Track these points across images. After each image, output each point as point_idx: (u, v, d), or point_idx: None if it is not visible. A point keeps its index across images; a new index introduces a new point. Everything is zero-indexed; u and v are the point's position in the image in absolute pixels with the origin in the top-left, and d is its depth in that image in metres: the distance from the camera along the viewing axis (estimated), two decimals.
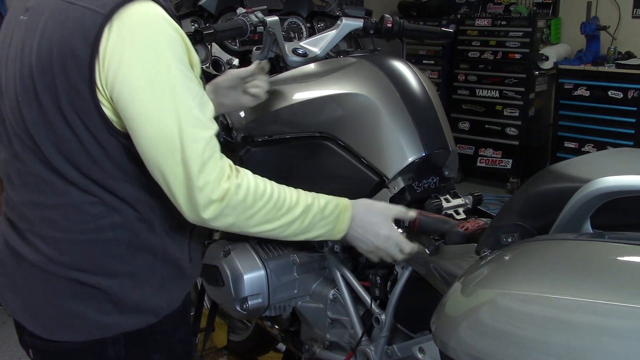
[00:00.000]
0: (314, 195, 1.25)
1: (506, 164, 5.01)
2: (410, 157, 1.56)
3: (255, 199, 1.13)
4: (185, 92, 1.03)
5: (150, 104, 1.01)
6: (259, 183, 1.15)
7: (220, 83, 1.59)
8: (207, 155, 1.05)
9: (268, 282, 1.82)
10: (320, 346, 1.89)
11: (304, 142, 1.72)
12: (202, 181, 1.05)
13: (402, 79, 1.66)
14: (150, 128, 1.02)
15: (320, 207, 1.23)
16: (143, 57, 1.01)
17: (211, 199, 1.06)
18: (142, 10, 1.02)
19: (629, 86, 4.45)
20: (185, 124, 1.02)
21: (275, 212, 1.16)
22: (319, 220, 1.23)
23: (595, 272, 0.95)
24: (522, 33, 4.85)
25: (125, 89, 1.01)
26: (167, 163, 1.04)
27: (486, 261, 1.14)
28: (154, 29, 1.02)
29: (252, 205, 1.12)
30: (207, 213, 1.07)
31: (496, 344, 0.98)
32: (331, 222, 1.26)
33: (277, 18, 1.74)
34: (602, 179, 1.02)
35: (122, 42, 1.00)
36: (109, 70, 1.01)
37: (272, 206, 1.15)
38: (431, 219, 1.42)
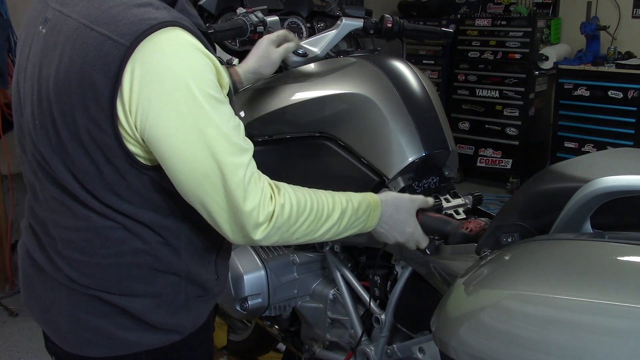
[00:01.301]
0: (347, 196, 1.25)
1: (506, 164, 5.01)
2: (410, 157, 1.56)
3: (298, 215, 1.13)
4: (220, 120, 1.00)
5: (185, 144, 0.98)
6: (300, 197, 1.14)
7: (263, 56, 1.62)
8: (248, 179, 1.04)
9: (268, 282, 1.82)
10: (320, 346, 1.89)
11: (304, 142, 1.72)
12: (248, 207, 1.04)
13: (402, 79, 1.66)
14: (189, 167, 1.00)
15: (354, 208, 1.24)
16: (172, 95, 0.96)
17: (258, 222, 1.06)
18: (166, 41, 0.96)
19: (629, 86, 4.45)
20: (224, 155, 1.00)
21: (317, 222, 1.17)
22: (353, 221, 1.24)
23: (595, 272, 0.95)
24: (522, 33, 4.86)
25: (157, 131, 0.97)
26: (210, 196, 1.02)
27: (486, 261, 1.14)
28: (180, 61, 0.97)
29: (296, 222, 1.12)
30: (256, 235, 1.07)
31: (496, 344, 0.98)
32: (363, 222, 1.27)
33: (277, 18, 1.75)
34: (602, 179, 1.02)
35: (149, 80, 0.95)
36: (138, 111, 0.96)
37: (313, 218, 1.15)
38: (433, 219, 1.42)
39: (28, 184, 1.16)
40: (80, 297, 1.09)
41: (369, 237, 1.62)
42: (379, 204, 1.31)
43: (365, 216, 1.27)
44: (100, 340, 1.11)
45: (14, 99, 1.13)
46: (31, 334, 2.91)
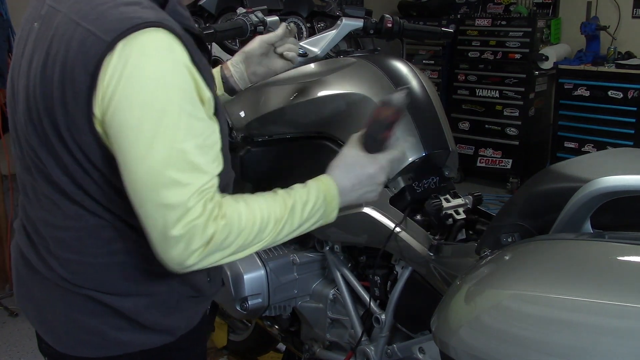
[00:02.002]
0: (294, 192, 1.14)
1: (506, 164, 5.01)
2: (410, 157, 1.56)
3: (240, 231, 1.03)
4: (184, 133, 0.95)
5: (138, 143, 0.94)
6: (242, 213, 1.04)
7: (251, 51, 1.51)
8: (193, 202, 0.96)
9: (268, 282, 1.82)
10: (320, 346, 1.89)
11: (304, 142, 1.72)
12: (180, 230, 0.96)
13: (402, 79, 1.66)
14: (135, 167, 0.95)
15: (303, 201, 1.14)
16: (139, 93, 0.93)
17: (191, 248, 0.97)
18: (147, 42, 0.94)
19: (628, 86, 4.45)
20: (171, 168, 0.94)
21: (260, 233, 1.07)
22: (308, 213, 1.14)
23: (595, 272, 0.95)
24: (522, 33, 4.85)
25: (115, 123, 0.94)
26: (146, 206, 0.96)
27: (486, 261, 1.14)
28: (157, 62, 0.94)
29: (236, 239, 1.03)
30: (189, 261, 0.98)
31: (496, 344, 0.98)
32: (320, 208, 1.16)
33: (277, 18, 1.74)
34: (602, 179, 1.02)
35: (122, 79, 0.93)
36: (108, 109, 0.94)
37: (257, 229, 1.06)
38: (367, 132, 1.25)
39: (20, 183, 1.15)
40: (73, 297, 1.08)
41: (369, 237, 1.63)
42: (330, 182, 1.19)
43: (320, 201, 1.15)
44: (94, 340, 1.10)
45: (8, 96, 1.12)
46: (31, 334, 2.90)
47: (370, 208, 1.60)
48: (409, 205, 1.59)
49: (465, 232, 1.57)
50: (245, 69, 1.51)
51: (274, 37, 1.50)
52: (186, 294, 1.16)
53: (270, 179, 1.79)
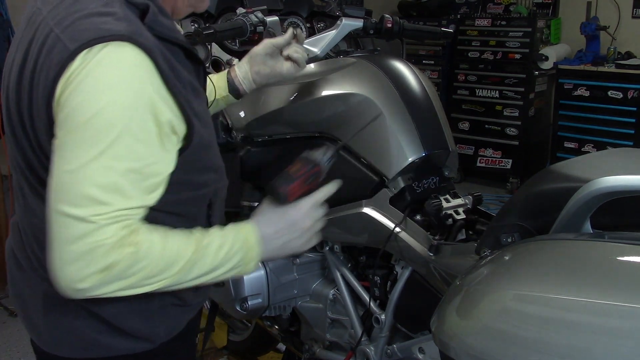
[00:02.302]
0: (211, 233, 1.08)
1: (506, 164, 5.01)
2: (410, 157, 1.56)
3: (146, 263, 0.97)
4: (121, 153, 0.92)
5: (74, 150, 0.91)
6: (154, 245, 0.99)
7: (257, 51, 1.49)
8: (105, 222, 0.92)
9: (268, 282, 1.82)
10: (320, 346, 1.89)
11: (304, 142, 1.72)
12: (82, 247, 0.92)
13: (402, 79, 1.66)
14: (61, 171, 0.92)
15: (218, 244, 1.07)
16: (88, 103, 0.90)
17: (88, 270, 0.93)
18: (109, 54, 0.91)
19: (628, 86, 4.45)
20: (95, 183, 0.91)
21: (166, 270, 1.00)
22: (222, 257, 1.07)
23: (595, 272, 0.95)
24: (522, 33, 4.85)
25: (61, 130, 0.93)
26: (57, 210, 0.92)
27: (486, 261, 1.14)
28: (112, 77, 0.92)
29: (140, 271, 0.97)
30: (82, 284, 0.93)
31: (496, 344, 0.98)
32: (237, 253, 1.09)
33: (277, 18, 1.74)
34: (602, 179, 1.02)
35: (74, 83, 0.91)
36: (57, 109, 0.93)
37: (164, 265, 1.00)
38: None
39: (16, 184, 1.15)
40: (55, 298, 1.05)
41: (369, 237, 1.63)
42: (252, 228, 1.13)
43: (238, 245, 1.09)
44: (74, 341, 1.10)
45: (3, 96, 1.11)
46: None
47: (370, 208, 1.60)
48: (409, 205, 1.59)
49: (465, 232, 1.57)
50: (249, 69, 1.49)
51: (282, 41, 1.49)
52: (169, 302, 1.13)
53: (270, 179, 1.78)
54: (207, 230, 1.08)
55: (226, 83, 1.50)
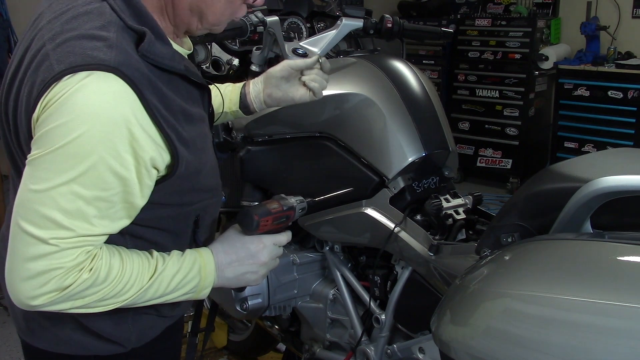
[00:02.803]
0: (169, 258, 1.08)
1: (506, 164, 5.01)
2: (410, 157, 1.56)
3: (102, 287, 0.98)
4: (91, 182, 0.92)
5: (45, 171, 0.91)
6: (113, 269, 0.99)
7: (273, 72, 1.44)
8: (67, 246, 0.93)
9: (268, 282, 1.82)
10: (320, 346, 1.89)
11: (304, 142, 1.72)
12: (41, 267, 0.92)
13: (402, 79, 1.66)
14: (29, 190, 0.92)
15: (175, 270, 1.07)
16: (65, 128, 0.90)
17: (44, 289, 0.93)
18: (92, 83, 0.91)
19: (628, 86, 4.45)
20: (61, 208, 0.91)
21: (121, 294, 1.01)
22: (178, 282, 1.07)
23: (595, 272, 0.95)
24: (522, 33, 4.86)
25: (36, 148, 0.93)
26: (21, 227, 0.92)
27: (486, 261, 1.14)
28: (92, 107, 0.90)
29: (95, 293, 0.98)
30: (36, 301, 0.94)
31: (496, 344, 0.98)
32: (193, 279, 1.10)
33: (277, 18, 1.74)
34: (602, 179, 1.02)
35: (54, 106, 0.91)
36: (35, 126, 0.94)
37: (120, 289, 1.01)
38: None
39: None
40: None
41: (369, 237, 1.63)
42: (210, 255, 1.13)
43: (194, 271, 1.10)
44: (47, 335, 1.12)
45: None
46: None
47: (370, 208, 1.60)
48: (409, 205, 1.59)
49: (465, 232, 1.57)
50: (262, 89, 1.45)
51: (302, 64, 1.43)
52: (142, 310, 1.13)
53: (270, 179, 1.79)
54: (166, 254, 1.08)
55: (238, 97, 1.46)
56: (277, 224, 1.21)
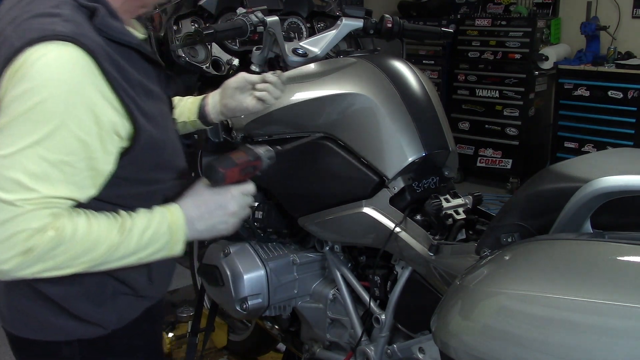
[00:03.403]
0: (136, 216, 1.10)
1: (506, 164, 5.01)
2: (410, 157, 1.56)
3: (69, 246, 1.01)
4: (54, 145, 0.95)
5: (8, 135, 0.95)
6: (79, 228, 1.02)
7: (229, 83, 1.51)
8: (31, 208, 0.95)
9: (268, 282, 1.82)
10: (320, 346, 1.89)
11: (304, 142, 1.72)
12: (4, 232, 0.95)
13: (402, 79, 1.66)
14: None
15: (143, 226, 1.09)
16: (27, 95, 0.94)
17: (10, 253, 0.96)
18: (52, 53, 0.95)
19: (628, 86, 4.45)
20: (24, 169, 0.95)
21: (90, 252, 1.03)
22: (148, 239, 1.09)
23: (595, 272, 0.95)
24: (522, 33, 4.85)
25: (1, 115, 0.97)
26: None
27: (486, 261, 1.14)
28: (53, 74, 0.95)
29: (63, 253, 1.01)
30: (5, 266, 0.97)
31: (496, 344, 0.98)
32: (164, 235, 1.11)
33: (277, 18, 1.74)
34: (602, 179, 1.02)
35: (16, 77, 0.95)
36: (1, 103, 0.98)
37: (88, 247, 1.03)
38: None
39: None
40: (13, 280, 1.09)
41: (369, 237, 1.63)
42: (178, 213, 1.14)
43: (164, 227, 1.11)
44: (30, 322, 1.14)
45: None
46: None
47: (370, 208, 1.60)
48: (409, 205, 1.59)
49: (465, 232, 1.57)
50: (219, 100, 1.51)
51: (256, 78, 1.50)
52: (121, 290, 1.16)
53: (270, 179, 1.79)
54: (133, 212, 1.10)
55: (197, 108, 1.52)
56: (244, 175, 1.22)
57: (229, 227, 1.21)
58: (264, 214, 1.83)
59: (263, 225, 1.83)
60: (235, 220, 1.22)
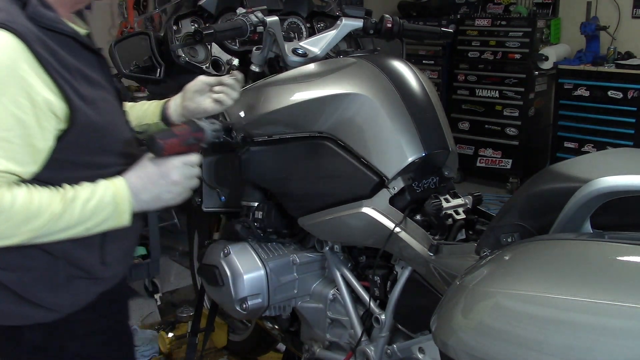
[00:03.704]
0: (79, 187, 1.16)
1: (506, 164, 5.01)
2: (410, 157, 1.56)
3: (7, 217, 1.06)
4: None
5: None
6: (17, 199, 1.07)
7: (188, 87, 1.57)
8: None
9: (268, 282, 1.82)
10: (320, 346, 1.89)
11: (304, 142, 1.72)
12: None
13: (402, 79, 1.66)
14: None
15: (86, 197, 1.14)
16: None
17: None
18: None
19: (628, 86, 4.45)
20: None
21: (31, 221, 1.08)
22: (91, 210, 1.14)
23: (595, 272, 0.95)
24: (522, 33, 4.86)
25: None
26: None
27: (486, 261, 1.14)
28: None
29: (2, 223, 1.06)
30: None
31: (496, 344, 0.98)
32: (108, 206, 1.16)
33: (277, 18, 1.74)
34: (602, 179, 1.02)
35: None
36: None
37: (29, 216, 1.08)
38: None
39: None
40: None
41: (368, 237, 1.63)
42: (122, 184, 1.20)
43: (109, 197, 1.17)
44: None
45: None
46: None
47: (370, 208, 1.60)
48: (408, 205, 1.59)
49: (465, 232, 1.57)
50: (180, 102, 1.55)
51: (213, 81, 1.55)
52: (75, 274, 1.20)
53: (270, 179, 1.79)
54: (77, 185, 1.16)
55: (160, 110, 1.56)
56: (186, 146, 1.27)
57: (175, 196, 1.26)
58: (264, 214, 1.83)
59: (263, 225, 1.83)
60: (180, 190, 1.26)
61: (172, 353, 2.64)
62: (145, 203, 1.22)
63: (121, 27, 4.33)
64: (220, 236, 2.02)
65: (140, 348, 2.75)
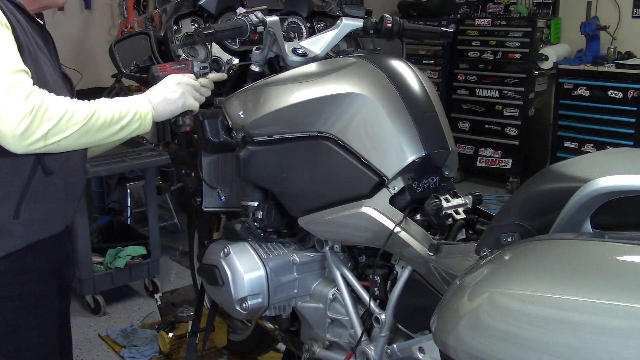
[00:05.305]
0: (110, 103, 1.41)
1: (506, 163, 5.02)
2: (410, 157, 1.56)
3: (58, 109, 1.28)
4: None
5: None
6: (59, 98, 1.31)
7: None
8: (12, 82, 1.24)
9: (268, 282, 1.82)
10: (320, 346, 1.89)
11: (304, 142, 1.72)
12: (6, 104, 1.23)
13: (402, 79, 1.66)
14: None
15: (111, 100, 1.41)
16: None
17: (18, 116, 1.23)
18: None
19: (628, 86, 4.45)
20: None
21: (76, 115, 1.31)
22: (121, 107, 1.40)
23: (595, 272, 0.95)
24: (522, 33, 4.86)
25: None
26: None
27: (486, 261, 1.14)
28: None
29: (55, 112, 1.28)
30: (18, 128, 1.22)
31: (496, 344, 0.98)
32: (133, 106, 1.43)
33: (277, 18, 1.74)
34: (602, 179, 1.02)
35: None
36: None
37: (70, 109, 1.31)
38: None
39: None
40: None
41: (371, 238, 1.63)
42: (139, 95, 1.50)
43: (131, 105, 1.43)
44: None
45: None
46: None
47: (370, 208, 1.60)
48: (408, 205, 1.59)
49: (465, 232, 1.57)
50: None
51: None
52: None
53: (270, 178, 1.79)
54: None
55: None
56: (177, 69, 1.63)
57: (178, 95, 1.54)
58: (264, 213, 1.83)
59: (263, 225, 1.83)
60: (182, 90, 1.55)
61: (172, 353, 2.64)
62: (157, 104, 1.50)
63: (121, 27, 4.33)
64: (220, 236, 2.02)
65: (140, 348, 2.75)
